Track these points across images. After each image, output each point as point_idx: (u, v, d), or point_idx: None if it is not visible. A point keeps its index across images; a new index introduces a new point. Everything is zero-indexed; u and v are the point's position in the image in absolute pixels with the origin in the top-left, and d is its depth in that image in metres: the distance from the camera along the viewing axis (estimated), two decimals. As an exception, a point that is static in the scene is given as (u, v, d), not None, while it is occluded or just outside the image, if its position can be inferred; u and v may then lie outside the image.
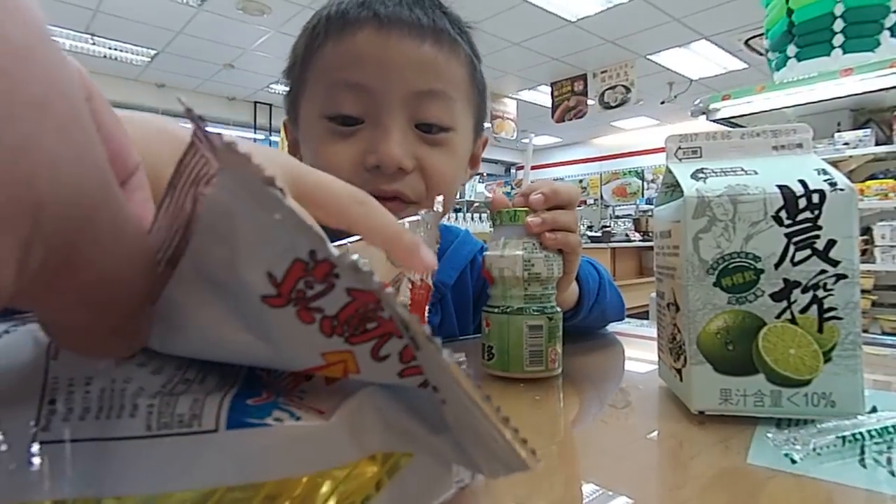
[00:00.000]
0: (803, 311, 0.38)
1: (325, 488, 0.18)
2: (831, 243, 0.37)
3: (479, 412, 0.17)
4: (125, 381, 0.17)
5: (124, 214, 0.13)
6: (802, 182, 0.38)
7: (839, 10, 2.15)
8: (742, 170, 0.41)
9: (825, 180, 0.38)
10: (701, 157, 0.44)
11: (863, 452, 0.33)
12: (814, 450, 0.33)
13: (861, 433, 0.33)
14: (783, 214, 0.37)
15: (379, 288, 0.16)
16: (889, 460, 0.32)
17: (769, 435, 0.35)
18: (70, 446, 0.16)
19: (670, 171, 0.43)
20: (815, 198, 0.37)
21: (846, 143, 2.58)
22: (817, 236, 0.37)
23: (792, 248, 0.37)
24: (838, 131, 2.64)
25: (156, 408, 0.17)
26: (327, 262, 0.16)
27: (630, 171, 8.34)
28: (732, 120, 2.64)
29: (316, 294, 0.17)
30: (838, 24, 2.17)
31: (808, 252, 0.37)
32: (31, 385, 0.16)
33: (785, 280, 0.38)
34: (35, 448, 0.15)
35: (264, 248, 0.16)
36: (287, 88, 0.66)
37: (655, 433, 0.39)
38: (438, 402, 0.19)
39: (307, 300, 0.17)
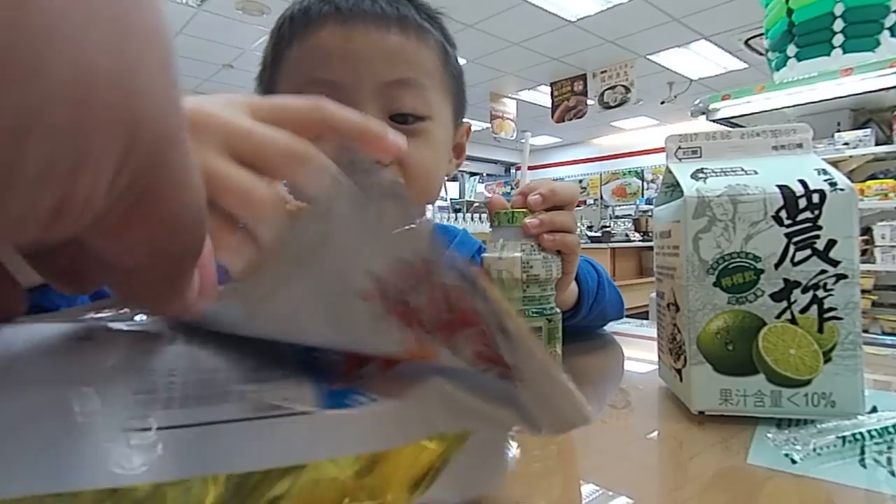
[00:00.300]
0: (803, 311, 0.38)
1: (398, 464, 0.20)
2: (831, 243, 0.37)
3: (555, 381, 0.21)
4: (212, 371, 0.19)
5: (191, 162, 0.14)
6: (802, 182, 0.38)
7: (839, 9, 2.15)
8: (742, 170, 0.41)
9: (825, 180, 0.38)
10: (701, 157, 0.44)
11: (863, 452, 0.33)
12: (814, 450, 0.33)
13: (861, 433, 0.33)
14: (783, 214, 0.37)
15: (475, 280, 0.19)
16: (889, 460, 0.32)
17: (769, 435, 0.35)
18: (175, 432, 0.17)
19: (670, 171, 0.43)
20: (816, 198, 0.37)
21: (846, 143, 2.58)
22: (817, 236, 0.37)
23: (792, 248, 0.37)
24: (838, 131, 2.64)
25: (255, 394, 0.19)
26: (427, 262, 0.19)
27: (630, 172, 8.34)
28: (732, 120, 2.64)
29: (409, 288, 0.19)
30: (838, 24, 2.18)
31: (808, 252, 0.37)
32: (130, 376, 0.17)
33: (785, 280, 0.38)
34: (141, 434, 0.16)
35: (369, 249, 0.19)
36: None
37: (655, 433, 0.39)
38: (500, 379, 0.21)
39: (399, 295, 0.19)
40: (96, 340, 0.18)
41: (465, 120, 0.71)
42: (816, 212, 0.37)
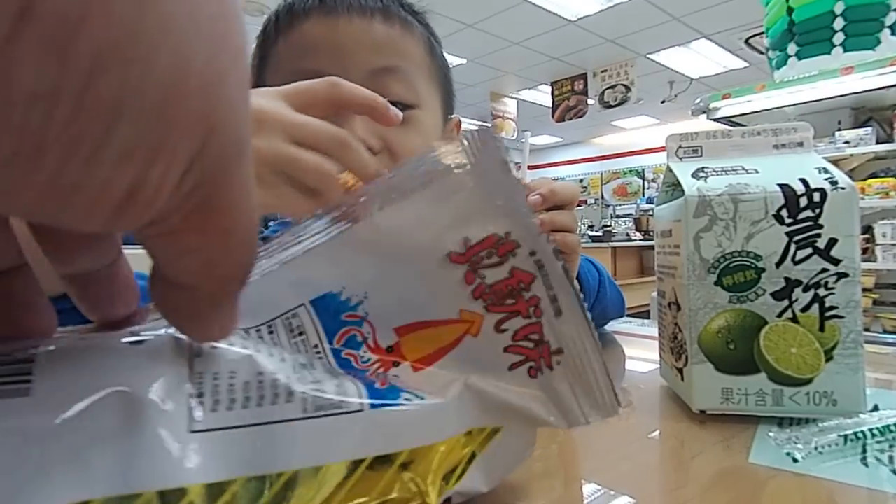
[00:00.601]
0: (804, 309, 0.37)
1: (436, 458, 0.22)
2: (832, 242, 0.37)
3: (597, 365, 0.24)
4: (272, 373, 0.20)
5: (251, 181, 0.14)
6: (803, 181, 0.38)
7: (839, 8, 2.15)
8: (743, 168, 0.41)
9: (826, 179, 0.38)
10: (701, 156, 0.44)
11: (864, 451, 0.33)
12: (815, 449, 0.33)
13: (863, 432, 0.33)
14: (784, 213, 0.37)
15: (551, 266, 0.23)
16: (891, 459, 0.32)
17: (771, 434, 0.35)
18: (237, 431, 0.18)
19: (671, 171, 0.43)
20: (816, 196, 0.37)
21: (847, 142, 2.57)
22: (818, 235, 0.37)
23: (793, 247, 0.37)
24: (839, 130, 2.64)
25: (308, 394, 0.20)
26: (514, 242, 0.23)
27: (630, 171, 8.34)
28: (733, 119, 2.64)
29: (489, 264, 0.23)
30: (839, 23, 2.17)
31: (809, 251, 0.37)
32: (179, 380, 0.18)
33: (786, 279, 0.38)
34: (192, 436, 0.17)
35: (476, 217, 0.23)
36: None
37: (657, 432, 0.39)
38: (529, 378, 0.24)
39: (479, 265, 0.23)
40: (151, 344, 0.18)
41: (454, 115, 0.71)
42: (817, 210, 0.37)
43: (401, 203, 0.23)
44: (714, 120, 2.64)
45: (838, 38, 2.20)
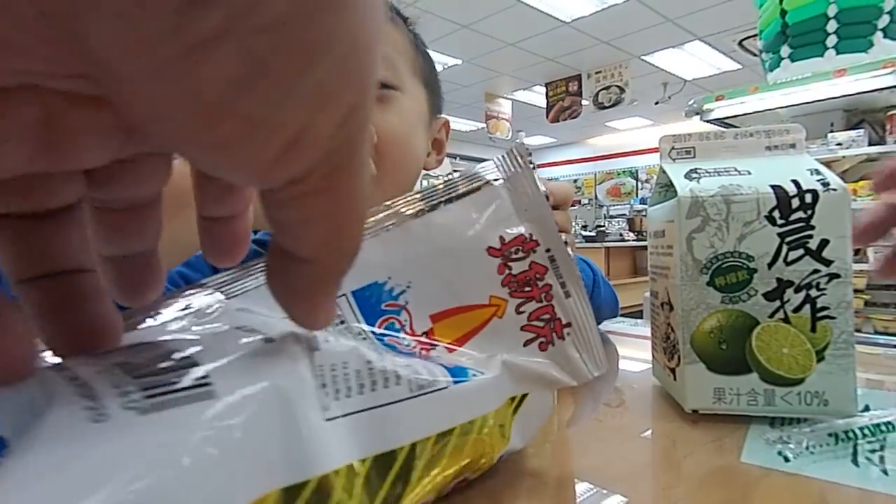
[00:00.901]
0: (796, 310, 0.38)
1: (489, 422, 0.26)
2: (824, 243, 0.37)
3: (594, 330, 0.30)
4: (369, 362, 0.22)
5: (367, 170, 0.15)
6: (795, 182, 0.38)
7: (833, 10, 2.16)
8: (735, 170, 0.41)
9: (818, 180, 0.38)
10: (694, 157, 0.44)
11: (856, 451, 0.33)
12: (807, 448, 0.33)
13: (854, 431, 0.34)
14: (776, 214, 0.38)
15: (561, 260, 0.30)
16: (881, 458, 0.32)
17: (763, 434, 0.36)
18: (352, 418, 0.20)
19: (664, 172, 0.43)
20: (808, 198, 0.37)
21: (839, 144, 2.58)
22: (810, 236, 0.37)
23: (785, 248, 0.38)
24: (831, 131, 2.65)
25: (410, 376, 0.23)
26: (536, 241, 0.30)
27: (624, 171, 8.35)
28: (726, 120, 2.65)
29: (515, 257, 0.29)
30: (832, 25, 2.19)
31: (801, 252, 0.37)
32: (308, 374, 0.19)
33: (778, 279, 0.38)
34: (327, 424, 0.19)
35: (509, 220, 0.30)
36: None
37: (649, 432, 0.39)
38: (540, 351, 0.30)
39: (509, 259, 0.29)
40: (279, 342, 0.20)
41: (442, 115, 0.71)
42: (809, 212, 0.37)
43: (451, 205, 0.30)
44: (707, 121, 2.65)
45: (831, 40, 2.21)
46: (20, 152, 0.13)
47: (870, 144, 2.58)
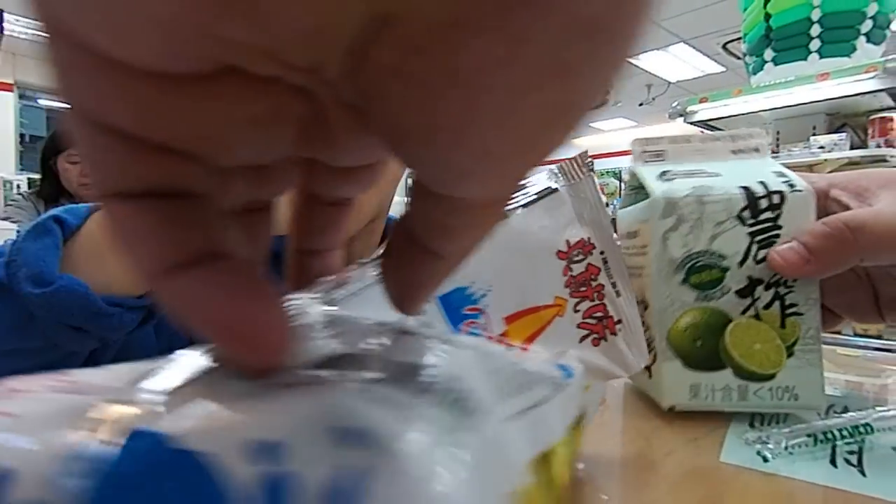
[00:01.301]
0: (767, 307, 0.39)
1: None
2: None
3: (639, 330, 0.33)
4: (507, 366, 0.22)
5: None
6: (763, 184, 0.39)
7: (816, 15, 2.18)
8: (705, 172, 0.42)
9: (783, 182, 0.39)
10: (664, 160, 0.45)
11: (834, 452, 0.33)
12: (786, 448, 0.33)
13: (832, 433, 0.34)
14: (746, 214, 0.39)
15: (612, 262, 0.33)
16: (859, 460, 0.32)
17: (742, 433, 0.36)
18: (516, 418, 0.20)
19: (635, 175, 0.44)
20: (776, 198, 0.38)
21: (821, 147, 2.60)
22: (778, 235, 0.38)
23: (755, 247, 0.39)
24: (814, 135, 2.67)
25: (547, 377, 0.23)
26: (593, 245, 0.33)
27: (608, 172, 8.37)
28: (710, 122, 2.67)
29: (576, 260, 0.32)
30: (815, 30, 2.20)
31: (769, 250, 0.39)
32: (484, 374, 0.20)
33: (749, 277, 0.39)
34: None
35: (572, 224, 0.33)
36: None
37: (626, 431, 0.40)
38: (593, 346, 0.32)
39: (571, 261, 0.32)
40: (454, 345, 0.20)
41: None
42: (777, 212, 0.38)
43: (525, 210, 0.33)
44: (691, 123, 2.67)
45: (815, 44, 2.23)
46: (286, 137, 0.14)
47: (852, 148, 2.60)
